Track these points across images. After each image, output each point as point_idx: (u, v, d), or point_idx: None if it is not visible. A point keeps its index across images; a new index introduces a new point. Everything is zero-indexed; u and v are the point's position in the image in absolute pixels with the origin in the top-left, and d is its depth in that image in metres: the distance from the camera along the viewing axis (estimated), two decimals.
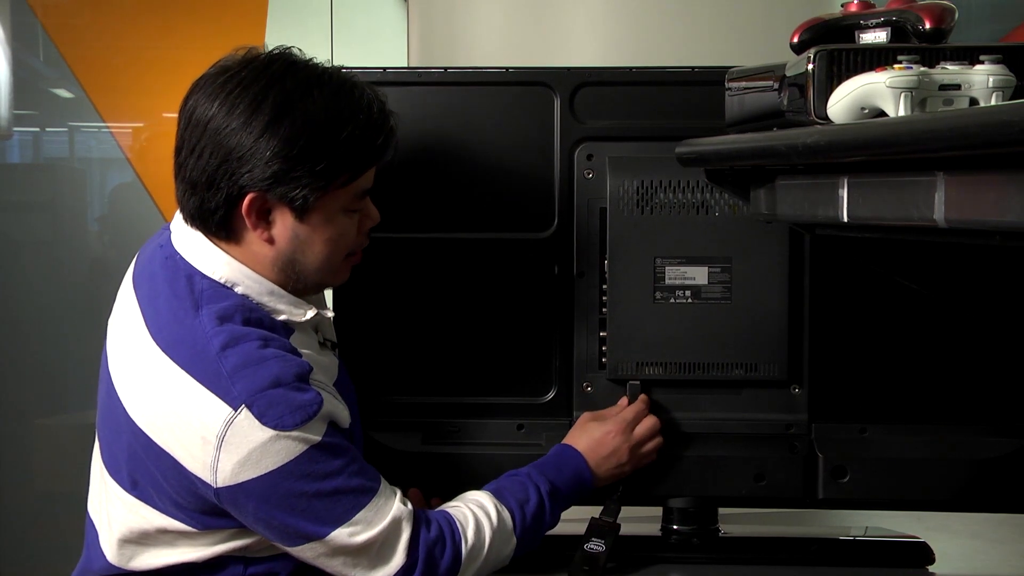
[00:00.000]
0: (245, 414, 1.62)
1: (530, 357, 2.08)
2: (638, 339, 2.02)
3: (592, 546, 1.94)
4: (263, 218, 1.73)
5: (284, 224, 1.74)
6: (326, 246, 1.77)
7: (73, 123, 4.62)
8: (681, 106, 2.05)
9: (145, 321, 1.73)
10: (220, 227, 1.74)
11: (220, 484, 1.63)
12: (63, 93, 4.52)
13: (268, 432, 1.62)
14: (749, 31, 2.78)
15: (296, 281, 1.78)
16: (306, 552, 1.70)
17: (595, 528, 1.97)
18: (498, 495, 1.85)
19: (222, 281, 1.74)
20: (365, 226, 1.84)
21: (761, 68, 1.80)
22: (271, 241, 1.74)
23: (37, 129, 4.73)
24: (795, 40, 1.71)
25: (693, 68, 2.07)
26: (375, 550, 1.71)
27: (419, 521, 1.75)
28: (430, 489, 2.02)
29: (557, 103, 2.06)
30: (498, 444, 2.05)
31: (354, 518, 1.69)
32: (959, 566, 2.15)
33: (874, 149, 1.32)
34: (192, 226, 1.77)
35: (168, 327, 1.71)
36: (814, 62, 1.56)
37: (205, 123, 1.70)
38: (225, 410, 1.62)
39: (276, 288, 1.76)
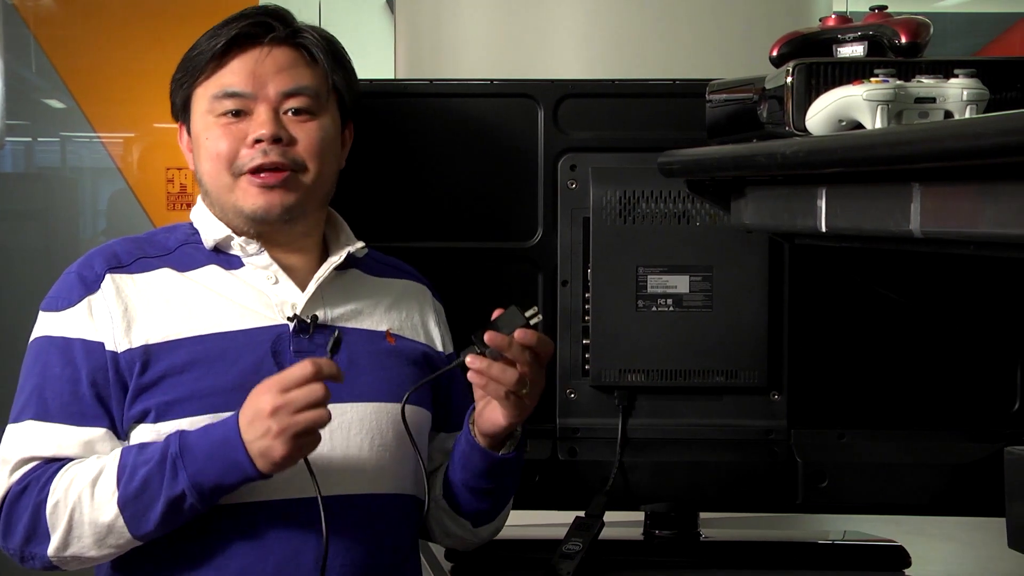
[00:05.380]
0: None
1: None
2: (621, 346, 2.04)
3: (570, 546, 1.95)
4: (189, 146, 1.85)
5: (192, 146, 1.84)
6: (203, 153, 1.79)
7: (65, 133, 4.64)
8: (663, 117, 2.08)
9: None
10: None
11: None
12: (55, 103, 4.53)
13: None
14: (730, 44, 2.81)
15: (213, 206, 1.82)
16: None
17: (578, 526, 1.99)
18: (126, 451, 1.65)
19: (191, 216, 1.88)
20: (246, 135, 1.77)
21: (741, 81, 1.83)
22: (194, 169, 1.85)
23: (29, 139, 4.74)
24: (774, 53, 1.73)
25: (675, 80, 2.10)
26: None
27: (23, 472, 1.67)
28: None
29: (541, 114, 2.08)
30: None
31: (6, 428, 1.72)
32: (935, 569, 2.17)
33: (851, 160, 1.35)
34: None
35: None
36: (793, 75, 1.58)
37: None
38: None
39: (207, 211, 1.84)
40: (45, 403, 1.70)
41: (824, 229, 1.53)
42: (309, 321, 1.76)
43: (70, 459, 1.68)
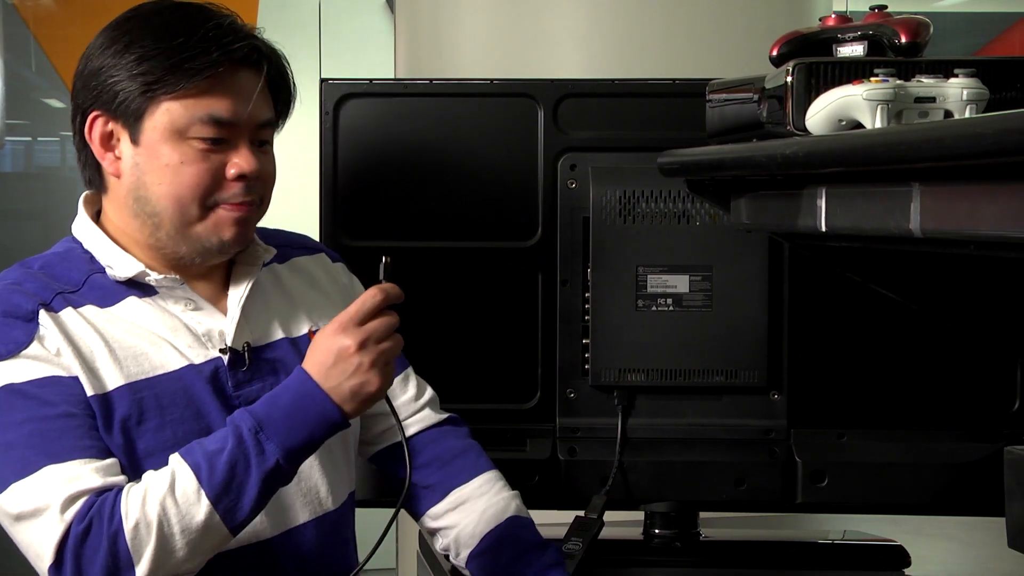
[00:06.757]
0: None
1: (514, 364, 2.09)
2: (621, 346, 2.04)
3: (570, 546, 1.95)
4: (107, 144, 1.66)
5: (126, 151, 1.65)
6: (165, 174, 1.62)
7: (65, 133, 4.64)
8: (663, 117, 2.08)
9: None
10: (90, 176, 1.71)
11: None
12: (55, 103, 4.53)
13: None
14: (730, 44, 2.81)
15: (157, 228, 1.65)
16: None
17: (578, 526, 1.99)
18: (187, 452, 1.53)
19: (74, 235, 1.72)
20: (230, 169, 1.65)
21: (741, 80, 1.83)
22: (119, 175, 1.66)
23: (29, 139, 4.75)
24: (774, 53, 1.73)
25: (675, 80, 2.10)
26: (30, 531, 1.51)
27: (77, 509, 1.49)
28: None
29: (541, 114, 2.08)
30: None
31: (11, 485, 1.51)
32: (934, 569, 2.17)
33: (851, 160, 1.35)
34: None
35: None
36: (793, 75, 1.58)
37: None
38: None
39: (105, 239, 1.69)
40: (52, 445, 1.52)
41: (824, 229, 1.53)
42: (243, 350, 1.68)
43: (119, 486, 1.52)
